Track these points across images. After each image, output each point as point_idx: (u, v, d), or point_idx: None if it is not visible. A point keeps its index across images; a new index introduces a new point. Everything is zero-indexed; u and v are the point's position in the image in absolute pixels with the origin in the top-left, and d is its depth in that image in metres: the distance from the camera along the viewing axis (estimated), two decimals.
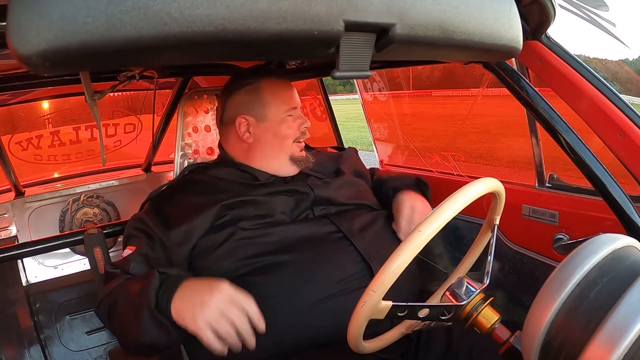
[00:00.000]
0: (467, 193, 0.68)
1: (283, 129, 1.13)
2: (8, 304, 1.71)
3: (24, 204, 1.84)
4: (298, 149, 1.15)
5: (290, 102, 1.14)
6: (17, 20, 0.38)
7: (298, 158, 1.15)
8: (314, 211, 1.08)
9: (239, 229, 1.00)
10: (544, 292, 0.56)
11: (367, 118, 2.15)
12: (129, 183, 2.05)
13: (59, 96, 2.01)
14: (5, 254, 1.35)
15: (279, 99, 1.13)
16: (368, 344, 0.77)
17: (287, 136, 1.13)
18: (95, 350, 1.85)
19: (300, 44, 0.49)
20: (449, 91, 8.86)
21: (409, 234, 0.67)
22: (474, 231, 0.94)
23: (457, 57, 0.82)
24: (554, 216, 1.17)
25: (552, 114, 0.88)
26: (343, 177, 1.19)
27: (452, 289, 0.71)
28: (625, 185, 0.85)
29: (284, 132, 1.13)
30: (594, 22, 1.01)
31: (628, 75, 9.66)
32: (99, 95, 1.02)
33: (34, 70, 0.41)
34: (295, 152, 1.15)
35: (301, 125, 1.15)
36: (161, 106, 1.86)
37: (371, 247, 1.02)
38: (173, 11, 0.41)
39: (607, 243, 0.57)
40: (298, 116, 1.16)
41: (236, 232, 1.00)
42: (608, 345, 0.47)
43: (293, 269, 0.96)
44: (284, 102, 1.13)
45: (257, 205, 1.04)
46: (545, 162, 1.26)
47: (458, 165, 1.64)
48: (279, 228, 1.02)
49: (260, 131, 1.13)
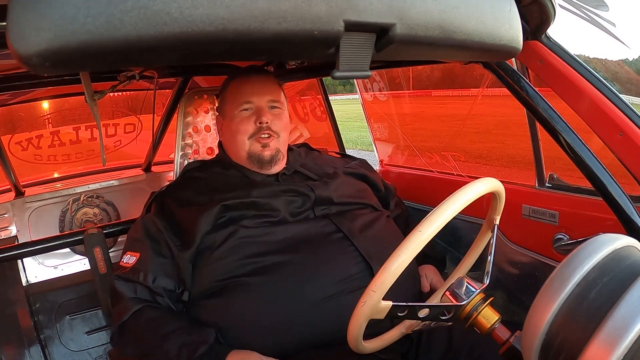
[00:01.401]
0: (467, 193, 0.68)
1: (234, 124, 1.12)
2: (8, 304, 1.71)
3: (24, 204, 1.84)
4: (258, 145, 1.11)
5: (244, 97, 1.12)
6: (17, 20, 0.38)
7: (255, 156, 1.11)
8: (314, 211, 1.08)
9: (241, 227, 1.01)
10: (544, 292, 0.56)
11: (367, 118, 2.15)
12: (129, 183, 2.05)
13: (59, 96, 2.01)
14: (5, 254, 1.35)
15: (235, 95, 1.13)
16: (368, 344, 0.77)
17: (240, 131, 1.11)
18: (95, 350, 1.85)
19: (300, 44, 0.49)
20: (449, 91, 8.86)
21: (409, 233, 0.67)
22: (474, 231, 0.94)
23: (457, 57, 0.83)
24: (554, 216, 1.17)
25: (552, 114, 0.88)
26: (339, 177, 1.18)
27: (452, 289, 0.71)
28: (625, 185, 0.85)
29: (236, 127, 1.12)
30: (594, 22, 1.01)
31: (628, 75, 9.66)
32: (99, 95, 1.02)
33: (34, 70, 0.41)
34: (253, 149, 1.11)
35: (256, 120, 1.10)
36: (161, 106, 1.86)
37: (372, 247, 1.02)
38: (173, 11, 0.41)
39: (607, 243, 0.57)
40: (255, 111, 1.11)
41: (238, 231, 1.00)
42: (608, 345, 0.47)
43: (294, 269, 0.96)
44: (238, 98, 1.12)
45: (259, 205, 1.04)
46: (545, 162, 1.26)
47: (458, 165, 1.64)
48: (280, 227, 1.03)
49: (224, 128, 1.18)
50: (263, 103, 1.12)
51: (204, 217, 1.01)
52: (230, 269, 0.97)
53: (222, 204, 1.02)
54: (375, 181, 1.28)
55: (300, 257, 0.98)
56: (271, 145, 1.11)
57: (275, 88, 1.16)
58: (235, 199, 1.04)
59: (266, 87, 1.14)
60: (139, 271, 1.01)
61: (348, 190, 1.15)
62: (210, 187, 1.10)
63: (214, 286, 0.98)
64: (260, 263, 0.97)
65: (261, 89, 1.13)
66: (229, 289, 0.97)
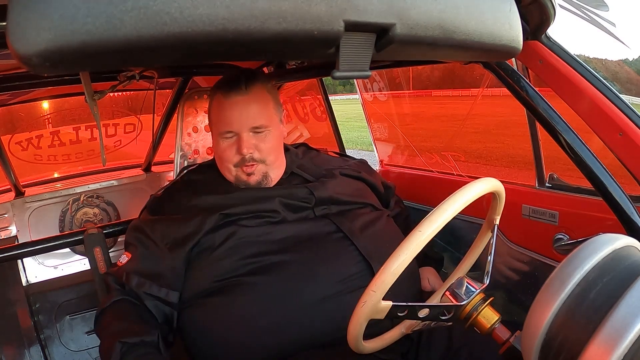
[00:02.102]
0: (467, 193, 0.68)
1: (219, 149, 1.09)
2: (8, 304, 1.71)
3: (24, 204, 1.84)
4: (243, 174, 1.07)
5: (225, 126, 1.05)
6: (17, 20, 0.38)
7: (242, 182, 1.08)
8: (315, 212, 1.07)
9: (241, 227, 1.01)
10: (544, 292, 0.56)
11: (367, 118, 2.15)
12: (129, 183, 2.05)
13: (59, 96, 2.01)
14: (5, 254, 1.35)
15: (217, 119, 1.08)
16: (368, 344, 0.77)
17: (224, 159, 1.08)
18: (95, 350, 1.84)
19: (300, 44, 0.49)
20: (449, 91, 8.86)
21: (409, 233, 0.67)
22: (474, 231, 0.94)
23: (457, 57, 0.82)
24: (554, 216, 1.17)
25: (552, 114, 0.88)
26: (337, 177, 1.17)
27: (452, 289, 0.71)
28: (625, 185, 0.85)
29: (220, 153, 1.09)
30: (594, 22, 1.01)
31: (628, 75, 9.65)
32: (99, 95, 1.02)
33: (34, 70, 0.41)
34: (239, 176, 1.08)
35: (239, 150, 1.05)
36: (161, 106, 1.86)
37: (372, 246, 1.02)
38: (173, 11, 0.41)
39: (607, 243, 0.57)
40: (233, 142, 1.06)
41: (237, 231, 1.00)
42: (608, 345, 0.47)
43: (294, 269, 0.96)
44: (219, 124, 1.07)
45: (257, 208, 1.04)
46: (545, 162, 1.26)
47: (458, 165, 1.64)
48: (280, 227, 1.03)
49: (213, 143, 1.14)
50: (245, 131, 1.04)
51: (202, 219, 1.01)
52: (231, 269, 0.97)
53: (221, 211, 1.02)
54: (374, 182, 1.27)
55: (300, 257, 0.98)
56: (257, 172, 1.08)
57: (258, 110, 1.05)
58: (234, 201, 1.04)
59: (249, 111, 1.04)
60: (126, 272, 1.02)
61: (347, 189, 1.15)
62: (209, 190, 1.10)
63: (214, 285, 0.98)
64: (260, 262, 0.97)
65: (243, 115, 1.04)
66: (229, 288, 0.97)
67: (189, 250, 1.01)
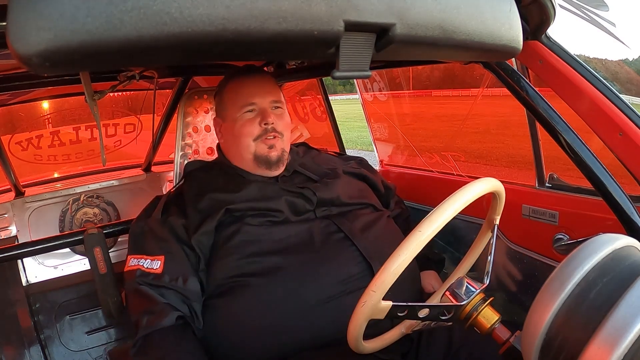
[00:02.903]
0: (467, 193, 0.68)
1: (237, 127, 1.10)
2: (8, 304, 1.71)
3: (24, 204, 1.84)
4: (264, 146, 1.09)
5: (247, 99, 1.10)
6: (17, 20, 0.38)
7: (262, 157, 1.10)
8: (316, 213, 1.07)
9: (244, 225, 1.01)
10: (544, 292, 0.56)
11: (367, 118, 2.15)
12: (129, 183, 2.05)
13: (59, 96, 2.01)
14: (5, 254, 1.35)
15: (236, 97, 1.11)
16: (368, 344, 0.77)
17: (244, 134, 1.09)
18: (95, 350, 1.85)
19: (300, 44, 0.49)
20: (449, 91, 8.85)
21: (409, 233, 0.67)
22: (474, 231, 0.94)
23: (457, 57, 0.82)
24: (554, 216, 1.17)
25: (552, 114, 0.88)
26: (340, 177, 1.18)
27: (452, 289, 0.71)
28: (625, 185, 0.85)
29: (239, 130, 1.10)
30: (594, 22, 1.01)
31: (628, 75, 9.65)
32: (99, 95, 1.02)
33: (34, 70, 0.41)
34: (259, 150, 1.10)
35: (261, 122, 1.09)
36: (161, 106, 1.86)
37: (373, 247, 1.02)
38: (173, 11, 0.41)
39: (607, 243, 0.57)
40: (259, 113, 1.10)
41: (241, 229, 1.00)
42: (608, 345, 0.47)
43: (295, 270, 0.96)
44: (239, 99, 1.10)
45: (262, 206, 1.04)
46: (545, 162, 1.26)
47: (458, 165, 1.64)
48: (282, 227, 1.03)
49: (225, 131, 1.16)
50: (266, 104, 1.10)
51: (210, 219, 1.01)
52: (233, 269, 0.97)
53: (226, 207, 1.02)
54: (375, 181, 1.27)
55: (301, 258, 0.98)
56: (277, 145, 1.10)
57: (275, 88, 1.14)
58: (238, 200, 1.04)
59: (267, 88, 1.12)
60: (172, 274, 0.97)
61: (349, 191, 1.15)
62: (213, 190, 1.09)
63: (218, 287, 0.98)
64: (262, 263, 0.97)
65: (263, 90, 1.11)
66: (230, 290, 0.97)
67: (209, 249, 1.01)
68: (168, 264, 0.98)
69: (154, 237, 1.04)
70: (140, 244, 1.05)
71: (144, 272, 0.98)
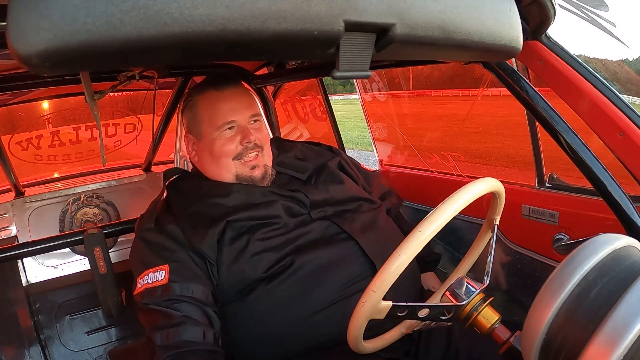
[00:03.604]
0: (467, 193, 0.68)
1: (217, 147, 1.04)
2: (8, 304, 1.71)
3: (24, 204, 1.84)
4: (246, 168, 1.05)
5: (225, 117, 1.03)
6: (17, 20, 0.38)
7: (246, 178, 1.05)
8: (311, 215, 1.05)
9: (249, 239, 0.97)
10: (544, 292, 0.56)
11: (366, 118, 2.15)
12: (129, 183, 2.05)
13: (59, 96, 2.01)
14: (5, 254, 1.35)
15: (212, 115, 1.04)
16: (368, 344, 0.77)
17: (223, 154, 1.04)
18: (95, 350, 1.85)
19: (300, 44, 0.49)
20: (449, 91, 8.85)
21: (409, 233, 0.67)
22: (474, 231, 0.94)
23: (457, 57, 0.82)
24: (554, 216, 1.17)
25: (552, 114, 0.88)
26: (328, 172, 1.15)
27: (452, 289, 0.71)
28: (625, 185, 0.85)
29: (218, 150, 1.04)
30: (594, 22, 1.01)
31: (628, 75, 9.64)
32: (99, 95, 1.02)
33: (34, 70, 0.41)
34: (242, 172, 1.05)
35: (242, 140, 1.03)
36: (161, 106, 1.86)
37: (375, 246, 1.02)
38: (173, 11, 0.41)
39: (607, 243, 0.57)
40: (238, 131, 1.04)
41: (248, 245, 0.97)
42: (608, 345, 0.47)
43: (301, 275, 0.95)
44: (217, 118, 1.03)
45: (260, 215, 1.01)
46: (545, 162, 1.26)
47: (458, 165, 1.64)
48: (285, 234, 1.00)
49: (200, 150, 1.08)
50: (246, 120, 1.04)
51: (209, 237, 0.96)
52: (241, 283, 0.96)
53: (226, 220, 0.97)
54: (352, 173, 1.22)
55: (306, 261, 0.96)
56: (259, 164, 1.06)
57: (252, 100, 1.08)
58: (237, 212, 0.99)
59: (245, 102, 1.06)
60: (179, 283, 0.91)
61: (338, 187, 1.13)
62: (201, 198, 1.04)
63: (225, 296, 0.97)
64: (268, 270, 0.96)
65: (241, 105, 1.04)
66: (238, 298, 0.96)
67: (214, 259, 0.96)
68: (174, 273, 0.92)
69: (151, 248, 0.98)
70: (141, 259, 0.98)
71: (150, 288, 0.92)
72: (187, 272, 0.93)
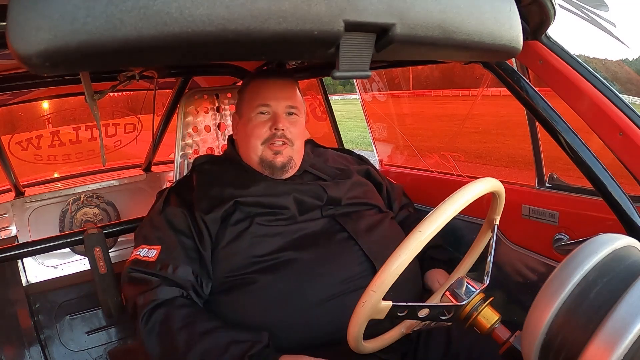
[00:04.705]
0: (467, 193, 0.68)
1: (250, 127, 1.10)
2: (8, 304, 1.71)
3: (24, 204, 1.83)
4: (270, 152, 1.08)
5: (262, 100, 1.09)
6: (17, 20, 0.38)
7: (267, 162, 1.09)
8: (322, 211, 1.08)
9: (252, 224, 1.01)
10: (544, 292, 0.56)
11: (366, 118, 2.15)
12: (129, 183, 2.05)
13: (59, 96, 2.01)
14: (5, 254, 1.35)
15: (253, 97, 1.10)
16: (368, 344, 0.77)
17: (254, 135, 1.09)
18: (95, 350, 1.85)
19: (300, 44, 0.49)
20: (449, 91, 8.85)
21: (409, 234, 0.67)
22: (474, 231, 0.94)
23: (457, 57, 0.82)
24: (554, 216, 1.17)
25: (552, 114, 0.88)
26: (352, 177, 1.18)
27: (452, 289, 0.71)
28: (625, 185, 0.85)
29: (250, 131, 1.09)
30: (594, 22, 1.01)
31: (628, 75, 9.64)
32: (99, 95, 1.02)
33: (34, 70, 0.41)
34: (265, 155, 1.09)
35: (272, 126, 1.08)
36: (161, 106, 1.86)
37: (376, 247, 1.02)
38: (173, 11, 0.41)
39: (607, 243, 0.57)
40: (271, 116, 1.09)
41: (247, 227, 1.01)
42: (608, 345, 0.47)
43: (298, 268, 0.96)
44: (256, 100, 1.09)
45: (269, 203, 1.04)
46: (545, 162, 1.25)
47: (458, 165, 1.64)
48: (288, 226, 1.03)
49: (239, 128, 1.16)
50: (280, 108, 1.09)
51: (216, 212, 1.01)
52: (238, 266, 0.98)
53: (235, 199, 1.02)
54: (382, 183, 1.28)
55: (305, 256, 0.98)
56: (284, 152, 1.09)
57: (294, 93, 1.13)
58: (247, 195, 1.04)
59: (285, 92, 1.11)
60: (164, 263, 0.98)
61: (357, 192, 1.15)
62: (223, 182, 1.09)
63: (222, 283, 0.99)
64: (266, 261, 0.98)
65: (280, 93, 1.10)
66: (235, 286, 0.97)
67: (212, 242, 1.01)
68: (162, 254, 0.99)
69: (153, 227, 1.06)
70: (143, 233, 1.07)
71: (139, 259, 1.01)
72: (173, 256, 0.99)
